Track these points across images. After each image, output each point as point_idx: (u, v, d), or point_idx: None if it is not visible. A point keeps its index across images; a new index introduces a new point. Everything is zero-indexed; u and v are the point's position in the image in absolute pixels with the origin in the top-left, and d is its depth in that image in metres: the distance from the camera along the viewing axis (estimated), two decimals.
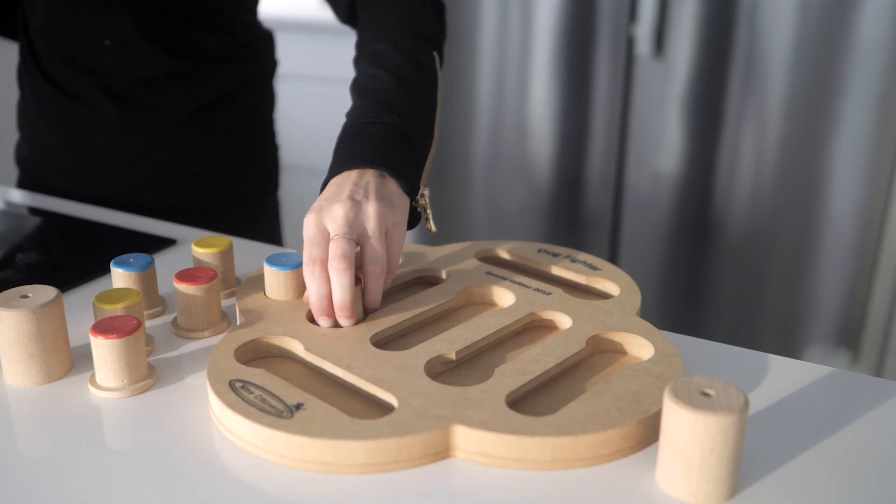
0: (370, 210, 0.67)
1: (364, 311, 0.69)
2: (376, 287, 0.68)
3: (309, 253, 0.66)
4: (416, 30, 0.83)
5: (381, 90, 0.76)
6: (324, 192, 0.70)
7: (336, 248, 0.65)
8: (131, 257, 0.73)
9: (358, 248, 0.69)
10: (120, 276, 0.71)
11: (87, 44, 1.00)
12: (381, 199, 0.68)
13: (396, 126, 0.74)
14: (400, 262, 0.70)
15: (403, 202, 0.71)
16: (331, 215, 0.66)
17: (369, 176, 0.70)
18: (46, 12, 1.00)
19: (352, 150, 0.72)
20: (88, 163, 1.05)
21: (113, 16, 0.99)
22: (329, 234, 0.66)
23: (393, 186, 0.70)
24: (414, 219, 0.75)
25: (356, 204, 0.67)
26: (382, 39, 0.82)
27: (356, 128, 0.74)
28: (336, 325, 0.66)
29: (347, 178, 0.69)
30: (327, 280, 0.65)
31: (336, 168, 0.71)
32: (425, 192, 0.75)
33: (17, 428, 0.58)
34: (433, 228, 0.77)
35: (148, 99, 1.03)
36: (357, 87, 0.79)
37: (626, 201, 1.99)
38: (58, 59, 1.02)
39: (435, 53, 0.84)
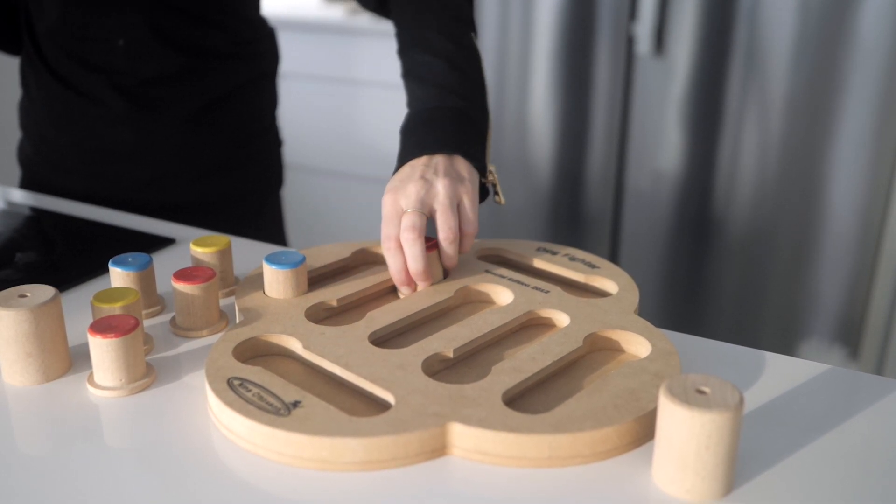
0: (439, 185, 0.73)
1: (444, 274, 0.76)
2: (451, 251, 0.74)
3: (385, 231, 0.73)
4: (452, 14, 0.87)
5: (437, 76, 0.82)
6: (397, 174, 0.76)
7: (406, 222, 0.71)
8: (129, 256, 0.73)
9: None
10: (118, 276, 0.71)
11: (101, 43, 1.01)
12: (449, 175, 0.74)
13: (458, 108, 0.79)
14: (476, 227, 0.77)
15: (473, 176, 0.77)
16: (404, 193, 0.73)
17: (438, 158, 0.76)
18: (58, 14, 1.00)
19: (421, 138, 0.78)
20: (95, 161, 1.06)
21: (125, 16, 0.99)
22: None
23: (461, 165, 0.76)
24: (482, 193, 0.80)
25: (427, 182, 0.73)
26: (425, 27, 0.86)
27: (422, 115, 0.80)
28: (414, 291, 0.74)
29: (418, 161, 0.76)
30: (402, 253, 0.72)
31: (406, 155, 0.78)
32: (492, 168, 0.81)
33: (16, 427, 0.58)
34: (502, 201, 0.83)
35: (158, 96, 1.04)
36: (412, 76, 0.84)
37: (627, 200, 1.99)
38: (67, 59, 1.03)
39: (472, 34, 0.88)
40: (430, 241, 0.73)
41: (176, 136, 1.06)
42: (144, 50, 1.01)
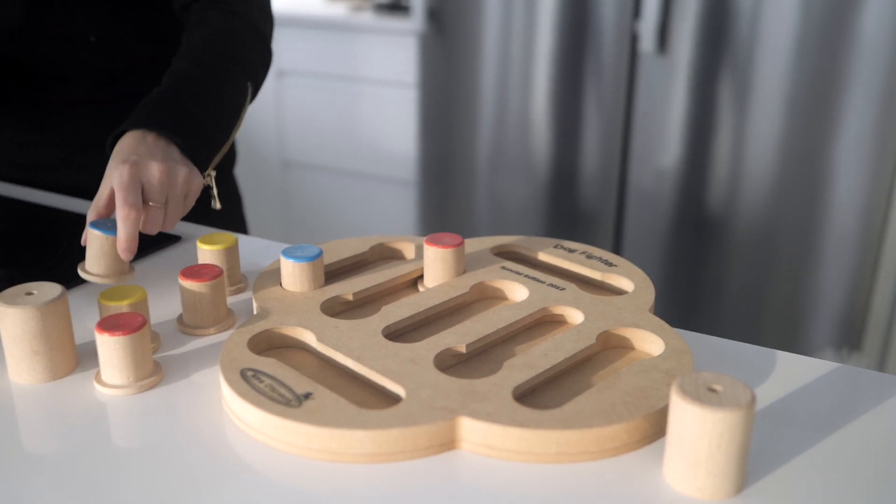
0: (180, 178, 0.76)
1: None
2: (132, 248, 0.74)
3: (129, 199, 0.71)
4: (239, 55, 0.93)
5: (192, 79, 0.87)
6: (132, 139, 0.78)
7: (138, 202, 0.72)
8: (110, 221, 0.73)
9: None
10: (96, 238, 0.71)
11: (72, 41, 1.00)
12: (187, 165, 0.78)
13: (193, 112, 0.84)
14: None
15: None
16: (148, 172, 0.74)
17: (174, 148, 0.79)
18: (24, 14, 0.99)
19: (162, 114, 0.81)
20: (68, 154, 1.06)
21: (93, 9, 0.99)
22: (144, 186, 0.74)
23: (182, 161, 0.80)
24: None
25: (169, 169, 0.75)
26: (185, 55, 0.90)
27: (166, 96, 0.84)
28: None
29: (153, 137, 0.79)
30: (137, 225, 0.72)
31: (142, 122, 0.80)
32: (211, 173, 0.85)
33: (23, 426, 0.58)
34: (218, 205, 0.87)
35: (125, 88, 1.04)
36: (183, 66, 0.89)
37: (629, 197, 1.98)
38: (33, 63, 1.02)
39: (249, 83, 0.93)
40: (454, 239, 0.74)
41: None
42: (115, 44, 1.01)
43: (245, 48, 0.95)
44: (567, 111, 1.98)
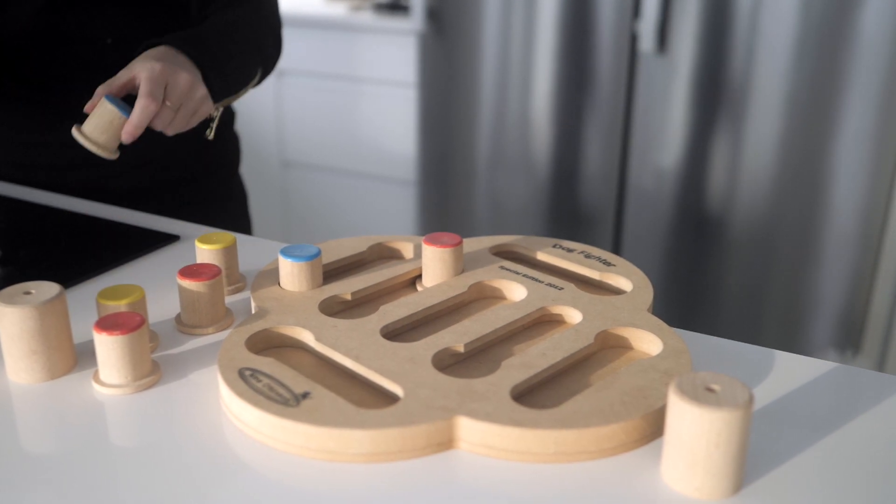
0: (198, 95, 0.88)
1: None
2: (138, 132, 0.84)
3: (154, 91, 0.82)
4: (256, 41, 1.01)
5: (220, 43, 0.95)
6: (168, 50, 0.88)
7: (161, 96, 0.84)
8: (121, 101, 0.82)
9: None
10: (109, 112, 0.81)
11: (89, 44, 1.00)
12: (204, 92, 0.90)
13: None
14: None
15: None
16: (176, 78, 0.85)
17: (199, 71, 0.90)
18: (42, 17, 0.99)
19: (200, 43, 0.92)
20: (72, 155, 1.05)
21: (111, 12, 0.99)
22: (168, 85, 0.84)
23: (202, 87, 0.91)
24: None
25: (194, 84, 0.87)
26: (232, 27, 0.99)
27: (205, 34, 0.94)
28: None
29: (185, 58, 0.89)
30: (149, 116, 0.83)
31: (181, 42, 0.90)
32: (218, 109, 0.96)
33: (21, 425, 0.57)
34: (211, 136, 0.98)
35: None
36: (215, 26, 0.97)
37: (629, 197, 1.98)
38: (45, 65, 1.01)
39: (259, 69, 1.02)
40: (452, 238, 0.74)
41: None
42: (133, 46, 1.00)
43: (262, 37, 1.04)
44: (567, 111, 1.98)
